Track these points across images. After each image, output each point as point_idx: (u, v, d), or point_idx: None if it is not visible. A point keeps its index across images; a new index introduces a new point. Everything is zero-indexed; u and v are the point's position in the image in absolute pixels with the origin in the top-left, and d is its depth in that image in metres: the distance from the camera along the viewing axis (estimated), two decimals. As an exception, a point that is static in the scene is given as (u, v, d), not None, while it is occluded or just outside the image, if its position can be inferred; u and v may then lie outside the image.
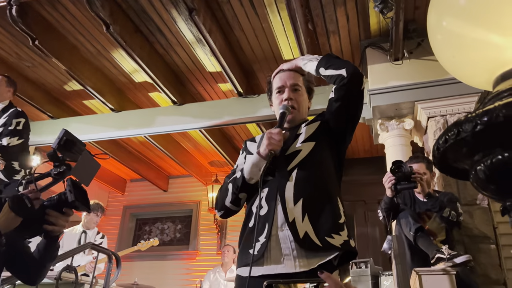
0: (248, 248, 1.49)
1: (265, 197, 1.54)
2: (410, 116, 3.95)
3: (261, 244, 1.47)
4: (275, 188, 1.53)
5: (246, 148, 1.80)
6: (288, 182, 1.52)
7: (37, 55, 4.43)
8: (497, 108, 0.78)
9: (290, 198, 1.49)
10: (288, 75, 1.73)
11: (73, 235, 4.52)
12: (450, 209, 2.82)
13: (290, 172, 1.54)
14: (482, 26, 0.95)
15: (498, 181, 0.86)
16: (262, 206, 1.53)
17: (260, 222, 1.50)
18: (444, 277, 2.59)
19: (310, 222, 1.44)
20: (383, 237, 5.84)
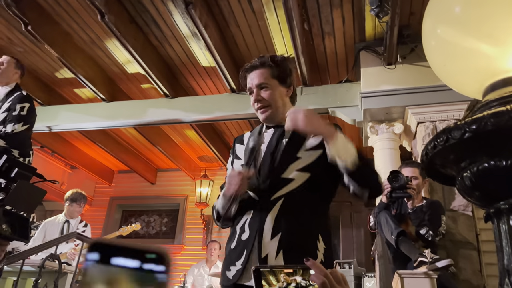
0: (226, 269, 1.50)
1: (249, 221, 1.50)
2: (400, 120, 4.00)
3: (236, 269, 1.46)
4: (258, 215, 1.48)
5: (234, 150, 1.75)
6: (270, 212, 1.46)
7: (29, 41, 4.37)
8: (486, 117, 0.80)
9: (268, 231, 1.44)
10: (254, 74, 1.62)
11: (55, 224, 4.47)
12: (429, 228, 2.88)
13: (275, 201, 1.47)
14: (474, 36, 0.97)
15: (483, 188, 0.88)
16: (244, 230, 1.50)
17: (240, 247, 1.49)
18: (426, 280, 2.63)
19: (283, 259, 1.39)
20: (367, 238, 5.90)
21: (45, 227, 4.43)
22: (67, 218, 4.51)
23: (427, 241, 2.92)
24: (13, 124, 3.02)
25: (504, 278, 0.82)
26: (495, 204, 0.87)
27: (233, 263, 1.47)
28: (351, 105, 4.24)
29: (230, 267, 1.48)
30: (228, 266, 1.49)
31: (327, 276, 0.77)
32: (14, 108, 3.10)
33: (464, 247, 3.27)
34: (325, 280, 0.76)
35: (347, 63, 4.43)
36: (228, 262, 1.50)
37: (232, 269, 1.47)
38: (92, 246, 0.39)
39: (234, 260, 1.47)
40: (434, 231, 2.92)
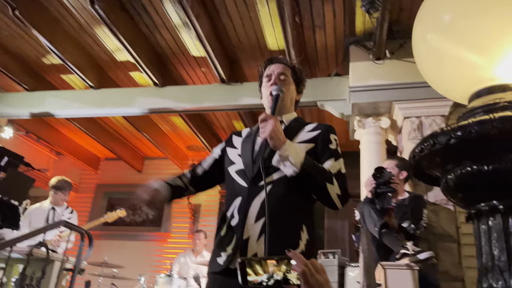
0: (217, 256, 1.53)
1: (237, 207, 1.54)
2: (387, 115, 4.07)
3: (227, 255, 1.48)
4: (246, 201, 1.52)
5: (230, 140, 1.81)
6: (257, 197, 1.50)
7: (16, 25, 4.30)
8: (470, 124, 0.85)
9: (252, 215, 1.48)
10: (278, 65, 1.75)
11: (41, 211, 4.42)
12: (411, 222, 2.97)
13: (263, 186, 1.50)
14: (461, 45, 1.01)
15: (465, 190, 0.93)
16: (234, 216, 1.53)
17: (230, 232, 1.52)
18: (408, 272, 2.72)
19: (264, 244, 1.41)
20: (352, 229, 6.02)
21: (30, 214, 4.39)
22: (52, 205, 4.47)
23: (409, 234, 3.01)
24: None
25: (482, 275, 0.88)
26: (476, 205, 0.92)
27: (224, 249, 1.50)
28: (340, 99, 4.29)
29: (221, 253, 1.50)
30: (219, 252, 1.51)
31: (307, 265, 0.83)
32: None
33: (444, 239, 3.38)
34: (305, 269, 0.83)
35: (337, 57, 4.47)
36: (219, 248, 1.52)
37: (222, 255, 1.49)
38: None
39: (225, 246, 1.50)
40: (416, 224, 3.01)
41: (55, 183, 4.51)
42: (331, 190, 1.49)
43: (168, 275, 4.57)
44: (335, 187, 1.50)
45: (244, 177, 1.57)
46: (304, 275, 0.82)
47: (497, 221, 0.87)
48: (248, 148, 1.66)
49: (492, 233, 0.87)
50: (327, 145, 1.61)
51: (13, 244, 2.95)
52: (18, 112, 5.25)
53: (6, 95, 5.35)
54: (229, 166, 1.68)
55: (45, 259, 3.05)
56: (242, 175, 1.59)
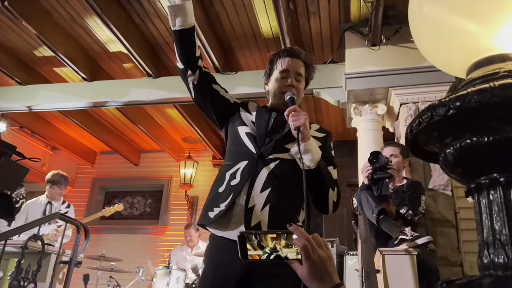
0: (209, 210, 1.55)
1: (241, 170, 1.56)
2: (384, 101, 4.04)
3: (219, 210, 1.51)
4: (252, 167, 1.55)
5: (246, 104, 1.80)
6: (264, 168, 1.55)
7: (6, 17, 4.23)
8: (469, 94, 0.81)
9: (259, 184, 1.52)
10: (296, 62, 1.74)
11: (37, 205, 4.41)
12: (408, 208, 2.96)
13: (271, 160, 1.56)
14: (459, 14, 0.98)
15: (465, 164, 0.90)
16: (235, 176, 1.56)
17: (227, 191, 1.54)
18: (406, 257, 2.71)
19: (268, 213, 1.46)
20: (350, 218, 6.01)
21: (27, 208, 4.37)
22: (49, 200, 4.45)
23: (407, 220, 2.99)
24: None
25: (483, 250, 0.85)
26: (476, 179, 0.89)
27: (218, 205, 1.53)
28: (336, 86, 4.26)
29: (214, 208, 1.53)
30: (212, 207, 1.54)
31: (309, 240, 0.80)
32: None
33: (443, 225, 3.36)
34: (306, 243, 0.79)
35: (332, 44, 4.42)
36: (213, 204, 1.55)
37: (215, 210, 1.52)
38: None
39: (219, 202, 1.53)
40: (414, 210, 3.00)
41: (51, 177, 4.47)
42: (331, 195, 1.60)
43: (166, 267, 4.56)
44: (334, 193, 1.62)
45: (254, 143, 1.61)
46: (306, 250, 0.78)
47: (498, 194, 0.84)
48: (264, 120, 1.69)
49: (493, 207, 0.84)
50: (330, 152, 1.72)
51: (7, 237, 2.92)
52: (11, 106, 5.19)
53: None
54: (240, 126, 1.70)
55: (40, 252, 3.02)
56: (252, 140, 1.63)
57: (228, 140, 1.74)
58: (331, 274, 0.79)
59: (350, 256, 3.93)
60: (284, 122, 1.64)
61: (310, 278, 0.78)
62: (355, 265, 3.77)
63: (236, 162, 1.60)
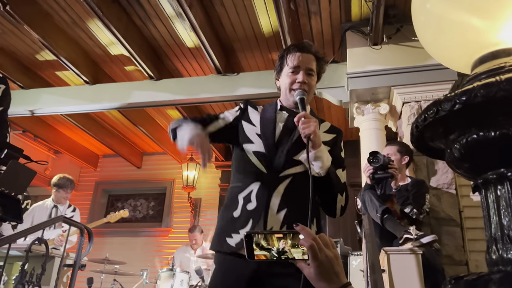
0: (227, 236, 1.52)
1: (255, 192, 1.54)
2: (386, 100, 4.03)
3: (241, 238, 1.48)
4: (266, 189, 1.53)
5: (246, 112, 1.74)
6: (278, 188, 1.53)
7: (8, 22, 4.24)
8: (476, 88, 0.81)
9: (274, 206, 1.51)
10: (306, 57, 1.68)
11: (43, 209, 4.41)
12: (413, 207, 2.95)
13: (284, 178, 1.54)
14: (463, 10, 0.97)
15: (471, 160, 0.89)
16: (251, 200, 1.53)
17: (245, 216, 1.52)
18: (411, 256, 2.69)
19: None
20: (353, 218, 5.99)
21: (33, 212, 4.37)
22: (55, 203, 4.45)
23: (412, 219, 2.98)
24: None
25: (491, 246, 0.85)
26: (483, 174, 0.88)
27: (237, 231, 1.49)
28: (338, 86, 4.25)
29: (232, 234, 1.50)
30: (230, 233, 1.51)
31: (316, 239, 0.79)
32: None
33: (447, 224, 3.35)
34: (313, 243, 0.79)
35: (333, 44, 4.42)
36: (231, 229, 1.51)
37: (234, 236, 1.49)
38: None
39: (238, 228, 1.50)
40: (419, 209, 2.99)
41: (57, 181, 4.48)
42: (339, 201, 1.58)
43: (170, 269, 4.55)
44: (342, 198, 1.59)
45: (264, 161, 1.58)
46: (313, 250, 0.78)
47: (505, 189, 0.83)
48: (270, 131, 1.64)
49: (501, 202, 0.84)
50: (339, 153, 1.69)
51: (12, 241, 2.92)
52: (14, 110, 5.19)
53: (0, 93, 5.29)
54: (246, 144, 1.65)
55: (45, 255, 3.02)
56: (261, 158, 1.59)
57: (235, 159, 1.69)
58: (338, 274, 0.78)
59: (355, 256, 3.92)
60: (293, 127, 1.60)
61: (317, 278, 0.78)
62: (359, 266, 3.75)
63: (247, 183, 1.57)
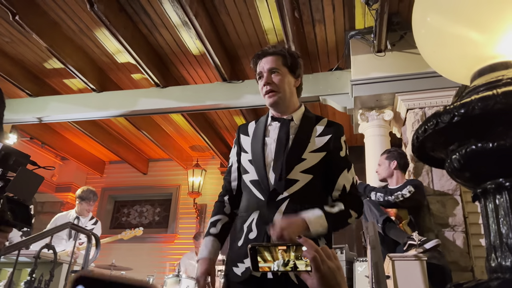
0: (234, 266, 1.55)
1: (256, 221, 1.55)
2: (390, 107, 4.05)
3: (245, 267, 1.51)
4: (265, 216, 1.53)
5: (239, 141, 1.76)
6: (276, 213, 1.52)
7: (17, 31, 4.32)
8: (473, 101, 0.84)
9: None
10: (266, 60, 1.66)
11: (66, 219, 4.41)
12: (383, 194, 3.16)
13: (281, 201, 1.53)
14: (461, 23, 1.00)
15: (471, 170, 0.92)
16: (252, 229, 1.55)
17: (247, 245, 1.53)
18: (416, 262, 2.71)
19: None
20: (358, 224, 5.99)
21: (56, 221, 4.39)
22: (77, 215, 4.46)
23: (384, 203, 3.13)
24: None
25: (491, 253, 0.87)
26: (482, 184, 0.91)
27: (241, 261, 1.52)
28: (342, 93, 4.28)
29: (238, 264, 1.53)
30: (236, 262, 1.54)
31: (318, 251, 0.82)
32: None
33: (452, 230, 3.35)
34: (316, 255, 0.82)
35: (338, 51, 4.46)
36: (236, 259, 1.55)
37: (240, 266, 1.52)
38: (77, 280, 0.38)
39: (242, 258, 1.52)
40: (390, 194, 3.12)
41: (80, 193, 4.50)
42: (351, 220, 1.57)
43: (176, 275, 4.57)
44: (353, 216, 1.56)
45: (260, 189, 1.58)
46: (315, 261, 0.81)
47: (503, 199, 0.86)
48: (259, 155, 1.63)
49: (499, 211, 0.86)
50: (338, 154, 1.63)
51: (20, 247, 2.97)
52: (22, 117, 5.27)
53: (9, 101, 5.37)
54: (244, 175, 1.67)
55: (53, 261, 3.06)
56: (257, 186, 1.59)
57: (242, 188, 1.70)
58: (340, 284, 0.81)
59: (360, 262, 3.92)
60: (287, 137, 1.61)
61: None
62: (364, 272, 3.76)
63: (249, 212, 1.58)
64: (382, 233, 3.08)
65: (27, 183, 1.41)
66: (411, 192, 3.08)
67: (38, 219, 6.89)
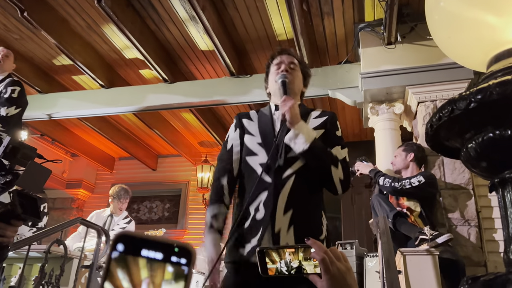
0: (239, 247, 1.54)
1: (263, 201, 1.56)
2: (401, 100, 3.99)
3: (251, 246, 1.50)
4: (272, 195, 1.55)
5: (242, 125, 1.77)
6: (282, 190, 1.55)
7: (26, 28, 4.33)
8: (491, 86, 0.80)
9: (280, 208, 1.53)
10: (288, 56, 1.80)
11: (101, 217, 4.51)
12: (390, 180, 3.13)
13: (286, 179, 1.56)
14: (478, 7, 0.96)
15: (488, 159, 0.88)
16: (259, 210, 1.55)
17: (256, 226, 1.54)
18: (428, 257, 2.67)
19: (294, 234, 1.49)
20: (368, 219, 5.95)
21: (92, 218, 4.46)
22: (111, 213, 4.53)
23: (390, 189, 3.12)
24: (7, 107, 3.06)
25: (509, 245, 0.84)
26: (500, 174, 0.87)
27: (248, 241, 1.52)
28: (351, 86, 4.23)
29: (244, 244, 1.53)
30: (242, 243, 1.54)
31: (327, 253, 0.81)
32: (5, 91, 3.15)
33: (464, 224, 3.30)
34: (325, 256, 0.80)
35: (347, 44, 4.40)
36: (242, 240, 1.54)
37: (246, 246, 1.52)
38: (118, 238, 0.41)
39: (249, 238, 1.52)
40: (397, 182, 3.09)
41: (111, 192, 4.56)
42: (335, 173, 1.57)
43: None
44: (339, 171, 1.58)
45: (268, 171, 1.59)
46: (325, 263, 0.79)
47: (523, 189, 0.82)
48: (270, 136, 1.67)
49: (518, 201, 0.83)
50: (334, 132, 1.71)
51: (30, 242, 2.98)
52: (32, 114, 5.30)
53: (19, 98, 5.40)
54: (249, 156, 1.67)
55: (63, 256, 3.08)
56: (266, 170, 1.60)
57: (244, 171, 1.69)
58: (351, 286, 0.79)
59: (370, 257, 3.89)
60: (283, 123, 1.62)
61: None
62: (375, 267, 3.72)
63: (255, 194, 1.58)
64: (393, 228, 3.03)
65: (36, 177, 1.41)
66: (420, 182, 3.03)
67: (50, 215, 6.94)
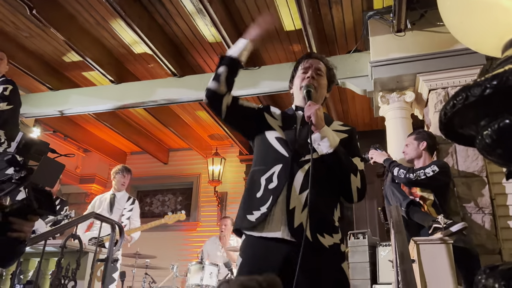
0: (248, 214, 1.60)
1: (277, 173, 1.62)
2: (411, 88, 3.94)
3: (261, 213, 1.56)
4: (287, 170, 1.61)
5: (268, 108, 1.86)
6: (300, 170, 1.60)
7: (35, 25, 4.36)
8: (507, 71, 0.78)
9: (297, 187, 1.58)
10: (315, 60, 1.87)
11: (103, 199, 4.75)
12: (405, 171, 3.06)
13: (304, 162, 1.62)
14: (493, -10, 0.94)
15: (504, 145, 0.87)
16: (272, 180, 1.61)
17: (267, 194, 1.59)
18: (442, 246, 2.65)
19: (308, 214, 1.52)
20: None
21: (94, 203, 4.74)
22: (113, 192, 4.76)
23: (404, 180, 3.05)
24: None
25: (527, 233, 0.82)
26: (517, 160, 0.86)
27: (258, 208, 1.58)
28: (361, 75, 4.19)
29: (253, 211, 1.58)
30: (251, 210, 1.59)
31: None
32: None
33: (478, 212, 3.27)
34: None
35: (356, 33, 4.35)
36: (251, 208, 1.60)
37: (255, 213, 1.58)
38: None
39: (259, 206, 1.58)
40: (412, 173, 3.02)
41: (114, 170, 4.86)
42: (354, 181, 1.63)
43: (199, 262, 4.62)
44: (357, 180, 1.64)
45: (286, 147, 1.67)
46: None
47: (541, 175, 0.81)
48: (291, 125, 1.76)
49: (536, 188, 0.81)
50: (356, 144, 1.79)
51: (47, 237, 3.03)
52: (44, 111, 5.36)
53: (31, 95, 5.47)
54: (268, 131, 1.75)
55: (79, 250, 3.12)
56: (283, 144, 1.68)
57: (257, 146, 1.78)
58: None
59: (383, 247, 3.88)
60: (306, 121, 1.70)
61: None
62: (388, 256, 3.71)
63: (269, 166, 1.65)
64: (406, 217, 3.02)
65: (50, 171, 1.43)
66: (435, 171, 2.98)
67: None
